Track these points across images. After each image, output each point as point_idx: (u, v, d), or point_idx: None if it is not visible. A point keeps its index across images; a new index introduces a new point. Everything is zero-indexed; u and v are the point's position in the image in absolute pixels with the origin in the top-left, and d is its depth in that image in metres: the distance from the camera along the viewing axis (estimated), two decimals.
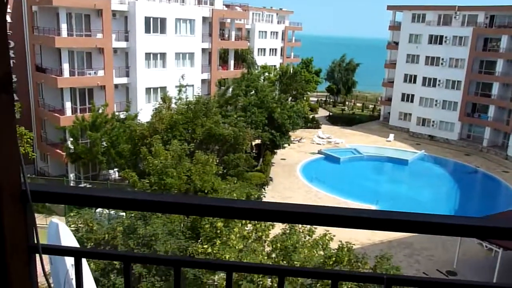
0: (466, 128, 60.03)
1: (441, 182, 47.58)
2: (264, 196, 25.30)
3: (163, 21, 39.62)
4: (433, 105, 61.01)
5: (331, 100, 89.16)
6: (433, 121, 61.41)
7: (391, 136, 61.19)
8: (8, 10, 36.74)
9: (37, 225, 1.71)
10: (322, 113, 78.86)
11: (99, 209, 26.43)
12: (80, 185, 37.05)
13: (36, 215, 1.74)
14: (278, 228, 16.25)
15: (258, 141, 46.31)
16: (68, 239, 3.23)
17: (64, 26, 34.91)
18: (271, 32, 74.70)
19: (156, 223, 17.84)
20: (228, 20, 50.46)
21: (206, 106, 27.74)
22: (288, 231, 15.54)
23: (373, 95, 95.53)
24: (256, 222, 16.18)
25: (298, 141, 58.04)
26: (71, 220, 17.73)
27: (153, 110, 28.21)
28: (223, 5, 48.42)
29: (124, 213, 21.30)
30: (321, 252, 14.75)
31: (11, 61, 19.97)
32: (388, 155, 53.61)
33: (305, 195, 40.46)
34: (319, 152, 53.88)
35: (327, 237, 15.83)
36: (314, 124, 67.04)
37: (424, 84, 61.64)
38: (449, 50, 58.47)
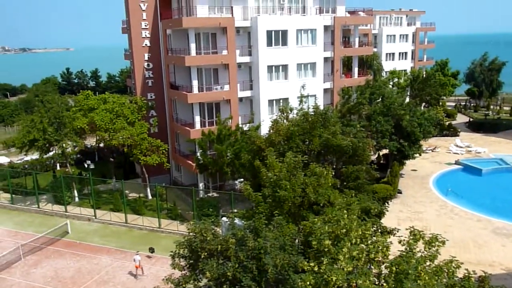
0: None
1: None
2: (387, 210, 23.45)
3: (284, 33, 40.01)
4: None
5: (471, 104, 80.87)
6: None
7: None
8: (147, 36, 40.85)
9: None
10: (460, 119, 71.95)
11: (224, 218, 27.46)
12: (208, 194, 39.09)
13: None
14: (394, 248, 14.75)
15: (385, 151, 43.83)
16: None
17: (193, 46, 37.41)
18: (400, 35, 70.71)
19: (268, 236, 17.66)
20: (352, 27, 48.99)
21: (324, 116, 26.95)
22: (406, 253, 13.96)
23: None
24: (370, 241, 14.94)
25: (432, 151, 53.61)
26: (190, 228, 18.47)
27: (271, 122, 28.38)
28: (346, 11, 47.05)
29: (242, 223, 21.62)
30: (444, 280, 12.92)
31: (150, 81, 22.11)
32: None
33: (439, 210, 36.89)
34: (457, 163, 48.95)
35: (453, 264, 13.83)
36: (451, 131, 61.45)
37: None
38: None
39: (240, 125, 37.59)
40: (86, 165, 40.53)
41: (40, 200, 39.44)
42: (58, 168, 48.01)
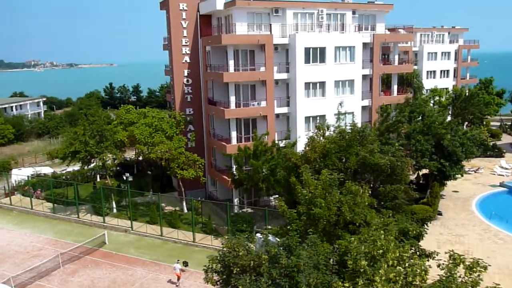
0: None
1: None
2: (426, 233, 22.60)
3: (322, 50, 39.99)
4: None
5: None
6: None
7: None
8: (187, 52, 41.82)
9: None
10: (506, 139, 69.19)
11: (258, 234, 27.36)
12: (243, 210, 39.09)
13: None
14: (433, 272, 14.18)
15: (425, 171, 42.59)
16: None
17: (231, 62, 37.97)
18: (442, 52, 69.21)
19: (302, 254, 17.40)
20: (392, 44, 48.38)
21: (361, 134, 26.55)
22: (445, 278, 13.39)
23: None
24: (407, 264, 14.42)
25: (475, 172, 51.66)
26: (224, 243, 18.49)
27: (307, 139, 28.21)
28: (386, 29, 46.54)
29: (276, 239, 21.45)
30: None
31: (189, 96, 22.64)
32: None
33: (482, 234, 35.29)
34: (502, 185, 46.92)
35: None
36: (495, 152, 59.10)
37: None
38: None
39: (276, 142, 37.57)
40: (124, 178, 41.51)
41: (80, 210, 40.62)
42: (98, 179, 49.43)
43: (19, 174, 48.91)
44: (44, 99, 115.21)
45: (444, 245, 32.15)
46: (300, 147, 33.39)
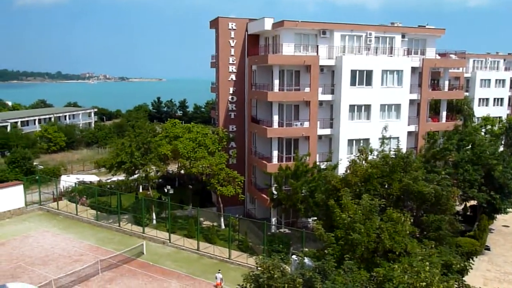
0: None
1: None
2: (471, 268, 21.49)
3: (369, 73, 39.53)
4: None
5: None
6: None
7: None
8: (234, 70, 42.53)
9: None
10: None
11: (294, 256, 26.98)
12: (280, 230, 38.75)
13: None
14: None
15: (473, 202, 40.71)
16: None
17: (276, 82, 38.23)
18: (496, 79, 66.70)
19: (337, 280, 16.98)
20: (442, 70, 47.13)
21: (405, 160, 25.77)
22: None
23: None
24: None
25: None
26: (258, 263, 18.33)
27: (348, 162, 27.71)
28: (436, 54, 45.47)
29: (312, 262, 21.05)
30: None
31: (233, 113, 23.06)
32: None
33: None
34: None
35: None
36: None
37: None
38: None
39: (318, 163, 37.19)
40: (166, 190, 42.27)
41: (122, 219, 41.63)
42: (140, 190, 50.62)
43: (67, 181, 50.95)
44: (96, 110, 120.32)
45: (491, 283, 30.46)
46: (341, 170, 32.85)
